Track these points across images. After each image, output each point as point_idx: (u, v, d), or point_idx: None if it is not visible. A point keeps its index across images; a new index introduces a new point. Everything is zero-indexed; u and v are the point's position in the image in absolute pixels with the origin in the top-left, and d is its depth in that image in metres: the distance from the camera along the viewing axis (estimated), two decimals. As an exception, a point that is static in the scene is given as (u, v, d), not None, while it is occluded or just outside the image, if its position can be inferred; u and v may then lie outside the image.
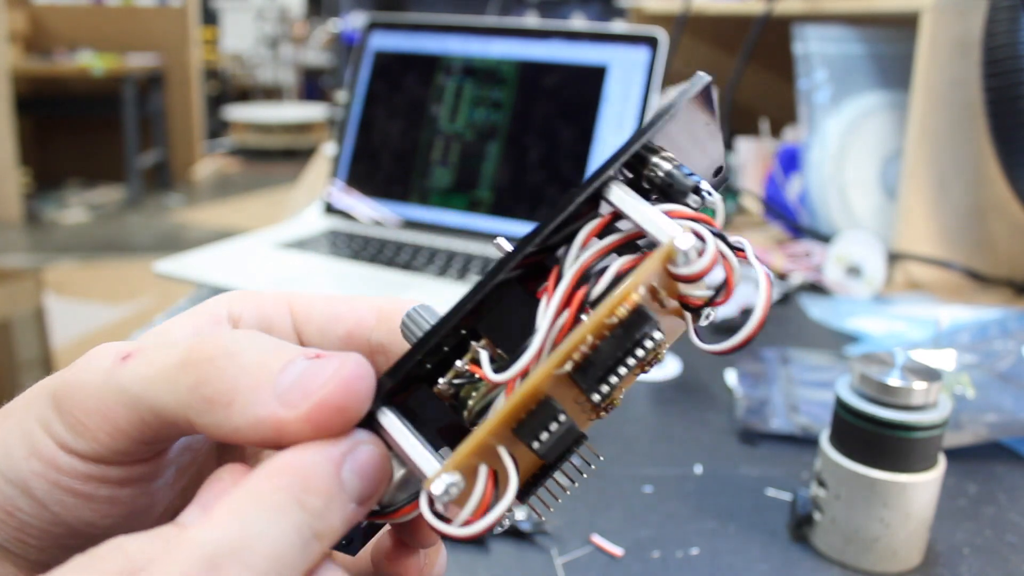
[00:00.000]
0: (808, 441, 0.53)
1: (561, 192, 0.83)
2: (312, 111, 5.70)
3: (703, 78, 0.21)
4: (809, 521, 0.43)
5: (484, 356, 0.20)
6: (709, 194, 0.20)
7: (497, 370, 0.19)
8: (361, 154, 0.94)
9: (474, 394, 0.20)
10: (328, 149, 1.38)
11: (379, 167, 0.93)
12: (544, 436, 0.19)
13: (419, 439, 0.19)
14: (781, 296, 0.82)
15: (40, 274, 2.24)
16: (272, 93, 6.22)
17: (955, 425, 0.51)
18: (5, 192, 3.75)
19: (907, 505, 0.40)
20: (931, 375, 0.40)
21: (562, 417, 0.19)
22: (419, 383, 0.20)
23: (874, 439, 0.39)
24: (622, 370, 0.19)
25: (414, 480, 0.20)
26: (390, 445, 0.19)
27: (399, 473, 0.20)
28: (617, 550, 0.42)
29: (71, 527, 0.20)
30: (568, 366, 0.19)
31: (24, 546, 0.20)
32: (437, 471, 0.19)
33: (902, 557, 0.41)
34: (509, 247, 0.20)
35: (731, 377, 0.62)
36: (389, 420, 0.19)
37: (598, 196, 0.20)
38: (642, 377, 0.21)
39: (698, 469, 0.50)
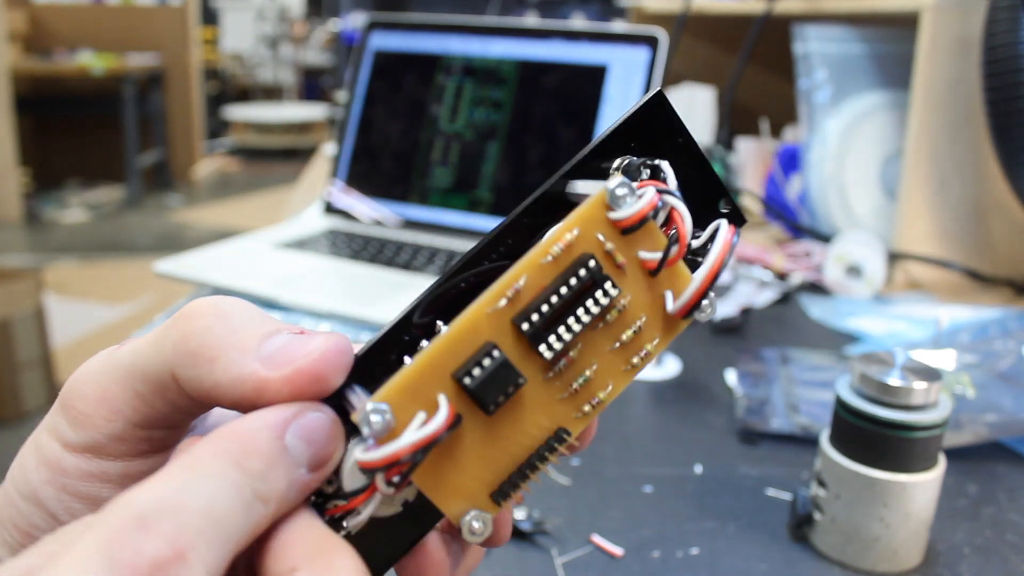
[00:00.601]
0: (808, 441, 0.53)
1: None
2: (312, 111, 5.70)
3: (656, 91, 0.22)
4: (809, 521, 0.43)
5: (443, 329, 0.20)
6: (657, 165, 0.21)
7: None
8: (361, 154, 0.94)
9: None
10: (328, 149, 1.38)
11: (379, 167, 0.93)
12: (476, 371, 0.19)
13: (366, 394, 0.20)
14: (781, 296, 0.82)
15: (40, 274, 2.24)
16: (272, 93, 6.22)
17: (955, 425, 0.51)
18: (5, 192, 3.75)
19: (907, 505, 0.40)
20: (931, 375, 0.40)
21: (496, 353, 0.19)
22: (391, 365, 0.20)
23: (874, 439, 0.39)
24: (572, 322, 0.19)
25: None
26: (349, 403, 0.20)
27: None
28: (617, 550, 0.42)
29: None
30: (503, 303, 0.19)
31: None
32: (372, 397, 0.18)
33: (902, 557, 0.41)
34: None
35: (731, 377, 0.62)
36: (357, 397, 0.20)
37: (561, 199, 0.21)
38: (642, 377, 0.21)
39: (698, 469, 0.50)
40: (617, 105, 0.82)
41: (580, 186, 0.21)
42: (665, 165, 0.21)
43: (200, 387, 0.19)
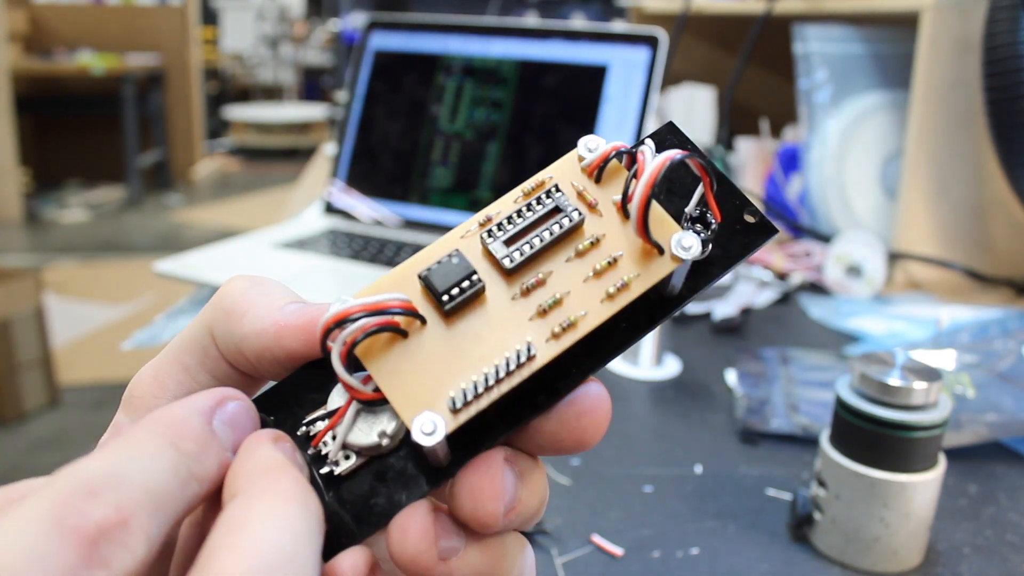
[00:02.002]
0: (808, 441, 0.53)
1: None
2: (312, 111, 5.70)
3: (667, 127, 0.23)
4: (809, 521, 0.43)
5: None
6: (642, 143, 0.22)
7: None
8: (361, 154, 0.94)
9: None
10: (328, 149, 1.38)
11: (379, 167, 0.93)
12: (434, 266, 0.20)
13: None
14: (781, 296, 0.82)
15: (40, 274, 2.24)
16: (272, 93, 6.22)
17: (955, 425, 0.51)
18: (5, 192, 3.75)
19: (907, 505, 0.40)
20: (931, 375, 0.40)
21: (457, 255, 0.20)
22: None
23: (874, 439, 0.39)
24: (535, 239, 0.20)
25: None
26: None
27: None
28: (617, 550, 0.42)
29: None
30: (473, 227, 0.21)
31: None
32: (332, 302, 0.20)
33: (902, 557, 0.41)
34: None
35: (731, 377, 0.62)
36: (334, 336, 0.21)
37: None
38: (642, 377, 0.21)
39: (698, 469, 0.50)
40: (617, 105, 0.82)
41: None
42: (648, 141, 0.22)
43: (231, 340, 0.21)
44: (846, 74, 0.94)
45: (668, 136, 0.23)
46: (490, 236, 0.21)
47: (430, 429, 0.19)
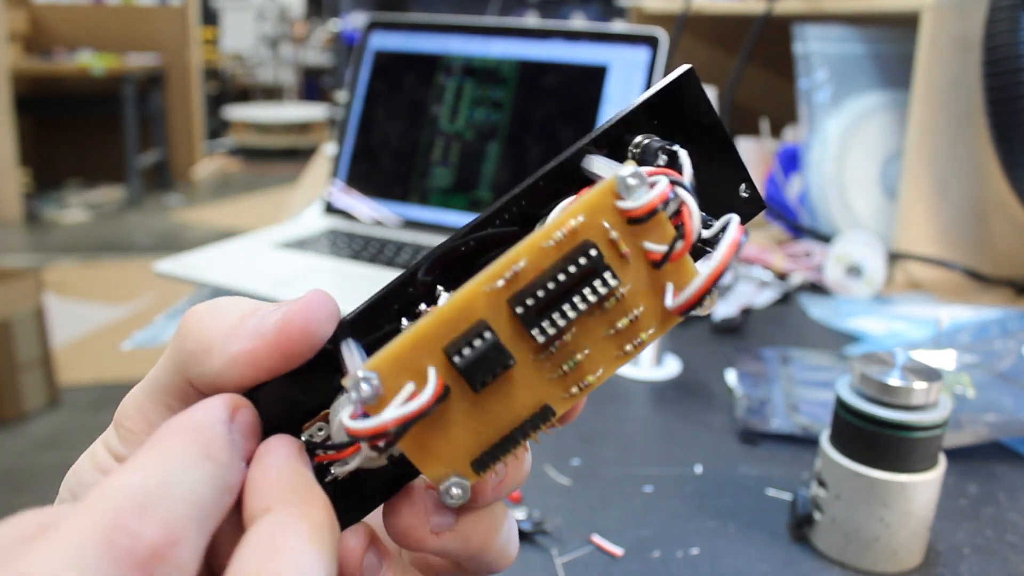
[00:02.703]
0: (808, 441, 0.53)
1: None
2: (312, 111, 5.70)
3: (684, 68, 0.21)
4: (809, 521, 0.43)
5: (443, 295, 0.20)
6: (675, 152, 0.20)
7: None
8: (361, 154, 0.94)
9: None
10: (328, 149, 1.38)
11: (379, 167, 0.93)
12: (467, 351, 0.19)
13: (362, 357, 0.20)
14: (781, 296, 0.82)
15: (40, 274, 2.24)
16: (272, 93, 6.22)
17: (955, 425, 0.51)
18: (5, 192, 3.75)
19: (907, 505, 0.40)
20: (931, 375, 0.40)
21: (488, 334, 0.19)
22: (387, 324, 0.21)
23: (874, 439, 0.39)
24: (568, 309, 0.19)
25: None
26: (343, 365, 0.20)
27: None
28: (617, 550, 0.42)
29: None
30: (500, 283, 0.19)
31: None
32: (366, 364, 0.19)
33: (902, 557, 0.41)
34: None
35: (731, 377, 0.62)
36: (350, 353, 0.20)
37: (576, 169, 0.21)
38: (642, 377, 0.21)
39: (698, 469, 0.50)
40: (617, 105, 0.82)
41: (596, 163, 0.21)
42: (683, 154, 0.20)
43: (207, 380, 0.20)
44: (846, 74, 0.94)
45: (685, 89, 0.21)
46: (520, 306, 0.19)
47: (458, 495, 0.20)
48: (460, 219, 0.87)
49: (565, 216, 0.19)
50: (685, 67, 0.21)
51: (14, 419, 2.02)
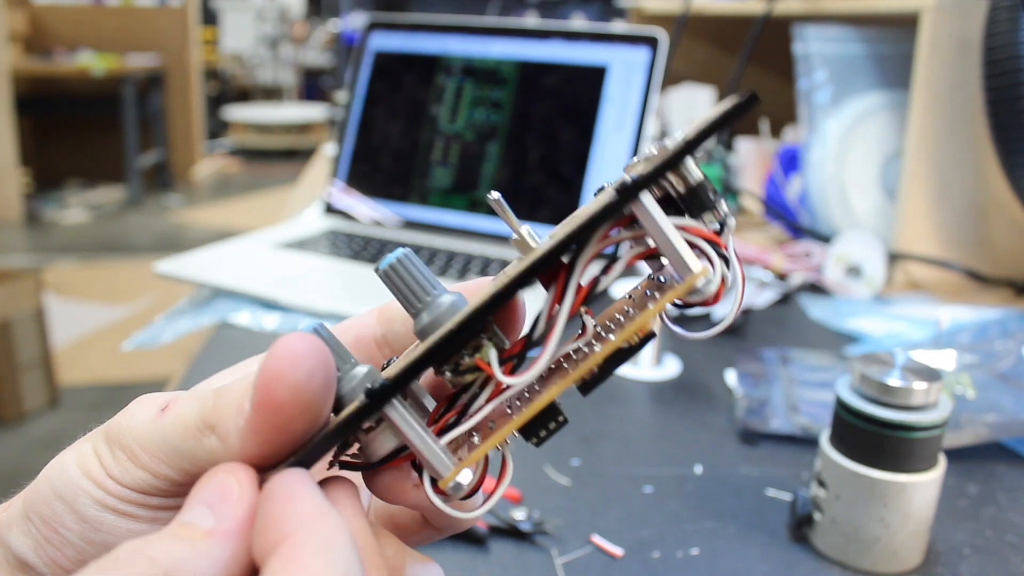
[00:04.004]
0: (808, 441, 0.53)
1: (561, 191, 0.83)
2: (312, 111, 5.70)
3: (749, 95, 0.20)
4: (809, 521, 0.43)
5: (493, 355, 0.20)
6: (728, 217, 0.20)
7: (506, 371, 0.20)
8: (361, 154, 0.94)
9: (469, 377, 0.21)
10: (328, 149, 1.38)
11: (379, 167, 0.93)
12: (543, 433, 0.21)
13: (425, 432, 0.21)
14: (781, 296, 0.82)
15: (40, 274, 2.24)
16: (272, 93, 6.22)
17: (955, 425, 0.51)
18: (5, 192, 3.75)
19: (907, 505, 0.40)
20: (931, 375, 0.40)
21: (561, 418, 0.21)
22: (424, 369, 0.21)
23: (874, 439, 0.39)
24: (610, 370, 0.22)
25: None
26: (398, 430, 0.21)
27: (389, 444, 0.21)
28: (617, 550, 0.42)
29: (106, 547, 0.21)
30: (577, 382, 0.21)
31: (57, 570, 0.21)
32: (452, 471, 0.20)
33: (902, 557, 0.41)
34: (504, 204, 0.21)
35: (731, 377, 0.62)
36: (397, 413, 0.20)
37: (625, 200, 0.20)
38: (642, 377, 0.21)
39: (698, 469, 0.50)
40: (617, 105, 0.82)
41: (649, 211, 0.20)
42: (731, 223, 0.21)
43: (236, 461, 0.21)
44: (846, 74, 0.94)
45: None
46: (584, 390, 0.21)
47: (463, 485, 0.21)
48: (460, 219, 0.87)
49: (645, 319, 0.21)
50: (748, 93, 0.20)
51: (14, 419, 2.02)
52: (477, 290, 0.22)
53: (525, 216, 0.84)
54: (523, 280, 0.20)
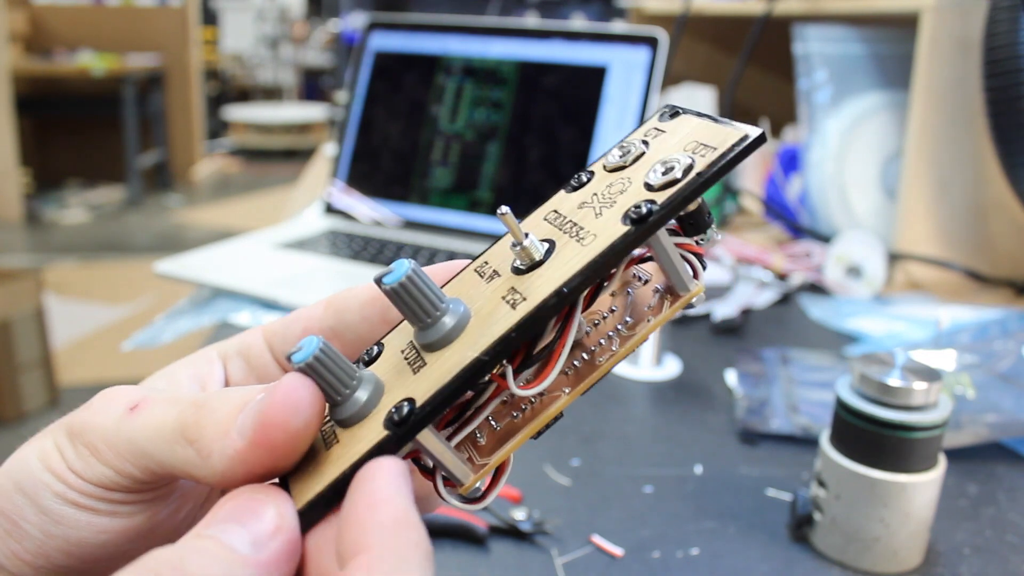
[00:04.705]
0: (808, 441, 0.53)
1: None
2: (312, 111, 5.70)
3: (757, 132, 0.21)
4: (809, 521, 0.43)
5: (509, 372, 0.21)
6: (716, 234, 0.22)
7: (521, 385, 0.21)
8: (361, 154, 0.94)
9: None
10: (328, 149, 1.38)
11: (379, 167, 0.93)
12: (543, 429, 0.22)
13: (445, 445, 0.21)
14: (781, 296, 0.82)
15: (40, 274, 2.24)
16: (272, 93, 6.22)
17: (955, 425, 0.51)
18: (5, 192, 3.75)
19: (907, 505, 0.40)
20: (931, 375, 0.40)
21: (560, 414, 0.22)
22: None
23: (874, 439, 0.39)
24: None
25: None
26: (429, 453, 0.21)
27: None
28: (617, 550, 0.42)
29: (67, 541, 0.21)
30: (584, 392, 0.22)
31: (19, 563, 0.21)
32: (472, 479, 0.21)
33: (902, 557, 0.41)
34: (513, 218, 0.21)
35: (731, 377, 0.62)
36: (426, 438, 0.21)
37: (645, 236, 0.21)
38: (642, 377, 0.22)
39: (698, 469, 0.50)
40: (617, 106, 0.82)
41: (665, 247, 0.21)
42: (717, 237, 0.22)
43: (213, 482, 0.21)
44: (846, 74, 0.94)
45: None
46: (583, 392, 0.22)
47: (483, 484, 0.23)
48: (460, 219, 0.87)
49: (647, 333, 0.22)
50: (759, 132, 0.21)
51: (14, 419, 2.02)
52: (446, 274, 0.24)
53: (525, 216, 0.84)
54: (551, 313, 0.20)
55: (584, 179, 0.23)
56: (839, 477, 0.41)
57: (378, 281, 0.21)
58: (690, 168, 0.20)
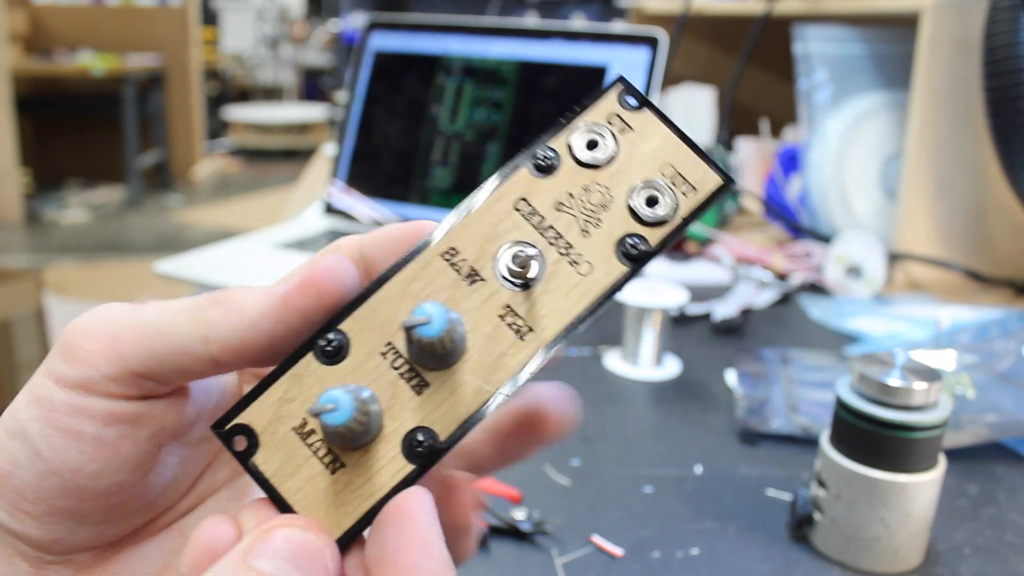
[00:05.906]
0: (808, 441, 0.53)
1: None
2: (312, 111, 5.70)
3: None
4: (809, 521, 0.43)
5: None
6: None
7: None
8: (361, 154, 0.94)
9: None
10: (328, 149, 1.38)
11: (379, 167, 0.93)
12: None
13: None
14: (781, 296, 0.82)
15: (40, 274, 2.24)
16: (272, 93, 6.21)
17: (955, 425, 0.51)
18: (5, 192, 3.74)
19: (907, 505, 0.40)
20: (931, 375, 0.40)
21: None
22: None
23: (874, 439, 0.39)
24: None
25: None
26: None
27: None
28: (617, 550, 0.42)
29: (62, 479, 0.21)
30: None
31: (22, 516, 0.21)
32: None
33: (902, 557, 0.41)
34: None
35: (731, 377, 0.62)
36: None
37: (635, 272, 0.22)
38: (642, 377, 0.22)
39: (698, 469, 0.50)
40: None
41: None
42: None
43: (233, 335, 0.21)
44: (846, 74, 0.94)
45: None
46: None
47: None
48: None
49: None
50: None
51: (14, 419, 2.02)
52: (405, 239, 0.23)
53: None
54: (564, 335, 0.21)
55: (551, 159, 0.22)
56: (839, 477, 0.41)
57: (409, 330, 0.19)
58: (675, 209, 0.21)
